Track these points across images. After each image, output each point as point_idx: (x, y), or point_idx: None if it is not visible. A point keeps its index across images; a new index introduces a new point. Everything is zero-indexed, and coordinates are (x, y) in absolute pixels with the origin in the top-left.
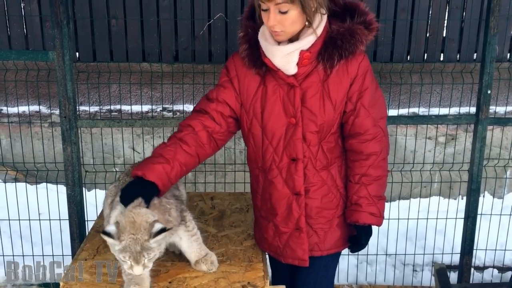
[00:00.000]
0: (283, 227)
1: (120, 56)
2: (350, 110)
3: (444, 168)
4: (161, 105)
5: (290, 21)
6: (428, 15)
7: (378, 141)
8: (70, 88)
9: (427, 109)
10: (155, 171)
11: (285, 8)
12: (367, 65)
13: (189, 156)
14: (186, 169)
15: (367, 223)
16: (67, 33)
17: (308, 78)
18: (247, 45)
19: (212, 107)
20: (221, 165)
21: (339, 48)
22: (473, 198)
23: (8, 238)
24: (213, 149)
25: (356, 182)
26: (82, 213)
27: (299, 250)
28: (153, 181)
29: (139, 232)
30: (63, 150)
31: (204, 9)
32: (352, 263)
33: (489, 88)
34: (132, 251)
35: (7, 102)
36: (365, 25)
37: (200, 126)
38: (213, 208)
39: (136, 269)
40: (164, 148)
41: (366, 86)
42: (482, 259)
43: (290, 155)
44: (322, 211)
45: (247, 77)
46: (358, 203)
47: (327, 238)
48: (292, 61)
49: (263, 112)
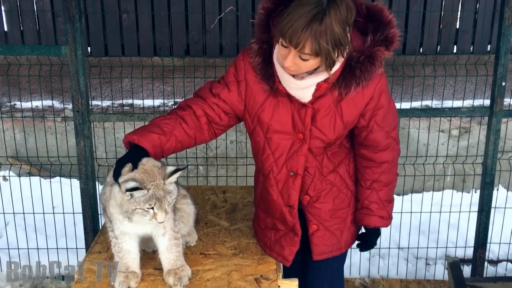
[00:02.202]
0: (280, 226)
1: (132, 50)
2: (363, 126)
3: (457, 161)
4: (173, 99)
5: (307, 67)
6: (441, 6)
7: (390, 150)
8: (82, 83)
9: (440, 102)
10: (149, 138)
11: (307, 57)
12: (383, 84)
13: (187, 136)
14: (180, 146)
15: (378, 226)
16: (79, 28)
17: (321, 99)
18: (261, 59)
19: (214, 101)
20: (232, 159)
21: (357, 77)
22: (487, 192)
23: (23, 231)
24: (211, 136)
25: (367, 187)
26: (95, 207)
27: (287, 250)
28: (145, 148)
29: (156, 177)
30: (76, 144)
31: (215, 3)
32: (364, 257)
33: (504, 80)
34: (157, 196)
35: (21, 97)
36: (386, 44)
37: (201, 112)
38: (225, 202)
39: (160, 215)
40: (163, 120)
41: (382, 105)
42: (496, 253)
43: (291, 169)
44: (336, 212)
45: (256, 85)
46: (369, 208)
47: (343, 236)
48: (308, 92)
49: (271, 123)
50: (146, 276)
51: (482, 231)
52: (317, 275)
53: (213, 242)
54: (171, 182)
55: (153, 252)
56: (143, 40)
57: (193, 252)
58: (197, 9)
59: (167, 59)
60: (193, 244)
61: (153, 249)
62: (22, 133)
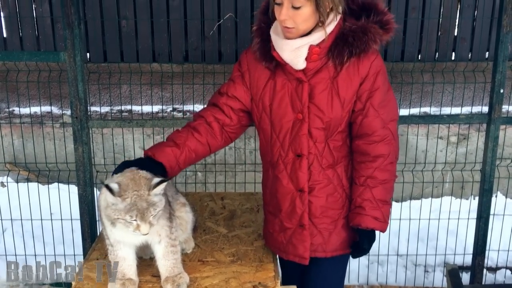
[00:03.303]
0: (287, 223)
1: (131, 56)
2: (359, 109)
3: (456, 168)
4: (171, 105)
5: (302, 18)
6: (439, 13)
7: (386, 143)
8: (81, 89)
9: (439, 109)
10: (164, 152)
11: (299, 4)
12: (379, 64)
13: (200, 144)
14: (195, 156)
15: (370, 227)
16: (78, 34)
17: (317, 74)
18: (259, 39)
19: (222, 101)
20: (231, 165)
21: (349, 45)
22: (486, 198)
23: (20, 238)
24: (225, 141)
25: (361, 184)
26: (93, 213)
27: (301, 247)
28: (161, 161)
29: (141, 188)
30: (74, 150)
31: (214, 9)
32: (363, 264)
33: (502, 87)
34: (138, 208)
35: (19, 103)
36: (380, 24)
37: (211, 118)
38: (223, 208)
39: (144, 227)
40: (176, 134)
41: (377, 86)
42: (495, 260)
43: (295, 151)
44: (327, 211)
45: (257, 71)
46: (361, 206)
47: (331, 239)
48: (301, 55)
49: (272, 106)
50: (143, 283)
51: (481, 238)
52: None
53: (211, 249)
54: (156, 193)
55: (151, 259)
56: (142, 46)
57: (191, 259)
58: (196, 16)
59: (166, 66)
60: (189, 251)
61: (150, 256)
62: (20, 139)
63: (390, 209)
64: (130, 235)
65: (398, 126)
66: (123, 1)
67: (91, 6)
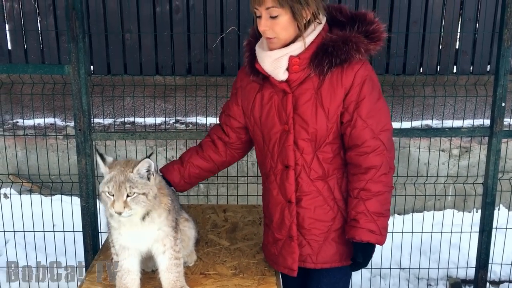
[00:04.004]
0: (278, 234)
1: (134, 69)
2: (347, 120)
3: (458, 181)
4: (174, 117)
5: (280, 27)
6: (440, 27)
7: (377, 154)
8: (85, 101)
9: (441, 121)
10: (170, 170)
11: (275, 13)
12: (365, 74)
13: (203, 159)
14: (200, 170)
15: (365, 241)
16: (82, 47)
17: (301, 86)
18: (249, 53)
19: (223, 120)
20: (233, 177)
21: (329, 55)
22: (488, 212)
23: (22, 250)
24: (231, 157)
25: (354, 196)
26: (96, 225)
27: (289, 259)
28: (167, 178)
29: (128, 167)
30: (77, 162)
31: (217, 23)
32: (365, 277)
33: (503, 101)
34: (116, 180)
35: (23, 115)
36: (366, 34)
37: (215, 136)
38: (225, 221)
39: (117, 205)
40: (185, 152)
41: (363, 96)
42: (498, 274)
43: (283, 162)
44: (316, 223)
45: (248, 85)
46: (356, 219)
47: (321, 251)
48: (280, 66)
49: (261, 118)
50: None
51: (484, 252)
52: None
53: (214, 262)
54: (139, 171)
55: (153, 272)
56: (145, 59)
57: (193, 272)
58: (199, 29)
59: (169, 78)
60: (191, 264)
61: (152, 268)
62: (23, 151)
63: (387, 221)
64: (135, 239)
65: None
66: (127, 15)
67: (95, 19)
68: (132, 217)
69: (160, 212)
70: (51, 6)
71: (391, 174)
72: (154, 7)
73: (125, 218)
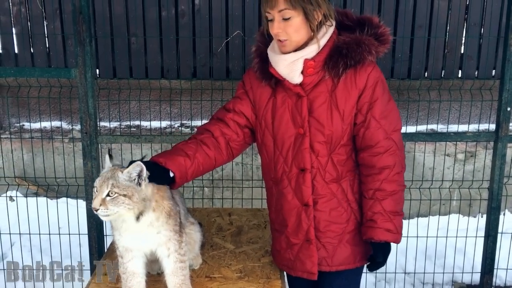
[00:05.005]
0: (294, 238)
1: (140, 73)
2: (361, 121)
3: (463, 185)
4: (180, 121)
5: (293, 29)
6: (445, 31)
7: (390, 154)
8: (91, 105)
9: (446, 126)
10: (176, 162)
11: (288, 15)
12: (377, 76)
13: (208, 158)
14: (202, 169)
15: (383, 240)
16: (89, 51)
17: (315, 88)
18: (259, 59)
19: (229, 117)
20: (238, 181)
21: (344, 56)
22: (494, 216)
23: (28, 252)
24: (229, 156)
25: (370, 197)
26: (101, 228)
27: (308, 263)
28: (173, 170)
29: (123, 169)
30: (83, 165)
31: (222, 27)
32: (370, 281)
33: (509, 105)
34: (103, 176)
35: (30, 118)
36: (375, 36)
37: (218, 132)
38: (230, 224)
39: (95, 200)
40: (185, 144)
41: (376, 97)
42: (503, 279)
43: (299, 166)
44: (331, 225)
45: (259, 89)
46: (373, 219)
47: (336, 253)
48: (296, 69)
49: (273, 122)
50: None
51: (489, 257)
52: None
53: (219, 265)
54: (129, 173)
55: (158, 275)
56: (151, 62)
57: (199, 275)
58: (204, 34)
59: (175, 82)
60: (196, 267)
61: (158, 271)
62: (30, 154)
63: (401, 220)
64: (135, 241)
65: (404, 144)
66: (133, 18)
67: (102, 23)
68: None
69: (158, 215)
70: (57, 10)
71: (403, 173)
72: (160, 11)
73: (102, 218)
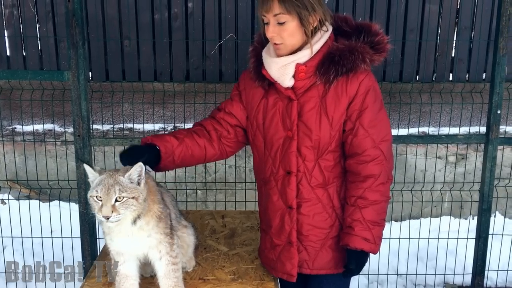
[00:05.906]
0: (277, 239)
1: (133, 75)
2: (349, 129)
3: (454, 187)
4: (173, 123)
5: (287, 33)
6: (436, 35)
7: (377, 163)
8: (84, 108)
9: (437, 128)
10: (163, 139)
11: (283, 19)
12: (369, 84)
13: (197, 145)
14: (191, 153)
15: (359, 248)
16: (82, 54)
17: (307, 93)
18: (254, 59)
19: (220, 116)
20: (231, 184)
21: (336, 63)
22: (484, 218)
23: (20, 255)
24: (222, 152)
25: (351, 204)
26: (94, 231)
27: (288, 264)
28: (158, 145)
29: (118, 171)
30: (76, 168)
31: (215, 30)
32: (362, 283)
33: (499, 108)
34: (105, 183)
35: (22, 121)
36: (372, 44)
37: (210, 127)
38: (224, 227)
39: (105, 209)
40: (176, 131)
41: (366, 105)
42: (494, 280)
43: (285, 168)
44: (313, 229)
45: (252, 90)
46: (351, 226)
47: (317, 257)
48: (287, 73)
49: (264, 123)
50: None
51: (480, 258)
52: None
53: (212, 267)
54: (130, 176)
55: (151, 277)
56: (144, 65)
57: (192, 277)
58: (197, 36)
59: (168, 84)
60: (190, 269)
61: (151, 274)
62: (22, 157)
63: (381, 231)
64: (127, 245)
65: (396, 146)
66: (126, 21)
67: (95, 26)
68: (121, 222)
69: (148, 219)
70: (50, 12)
71: (389, 185)
72: (153, 14)
73: (113, 224)
